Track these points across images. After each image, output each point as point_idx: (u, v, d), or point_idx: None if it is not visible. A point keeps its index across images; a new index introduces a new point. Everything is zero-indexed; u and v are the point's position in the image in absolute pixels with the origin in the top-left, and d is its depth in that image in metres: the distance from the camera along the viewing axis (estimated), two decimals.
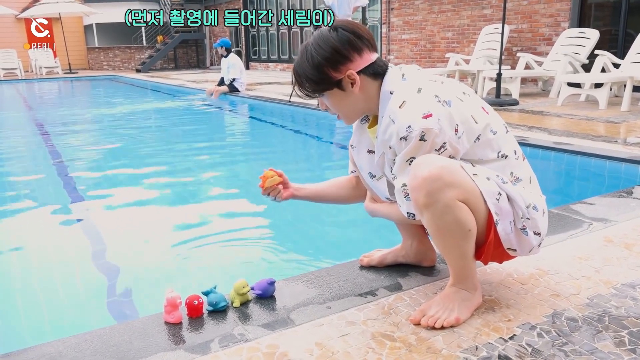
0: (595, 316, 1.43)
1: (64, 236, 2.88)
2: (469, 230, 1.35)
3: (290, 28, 16.32)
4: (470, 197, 1.33)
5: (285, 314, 1.48)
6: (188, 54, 22.95)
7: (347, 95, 1.45)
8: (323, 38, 1.42)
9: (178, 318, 1.44)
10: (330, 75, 1.42)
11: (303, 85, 1.48)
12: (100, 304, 2.05)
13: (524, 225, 1.40)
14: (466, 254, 1.40)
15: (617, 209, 2.34)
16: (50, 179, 4.12)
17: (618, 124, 4.71)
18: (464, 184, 1.32)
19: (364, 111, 1.51)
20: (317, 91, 1.47)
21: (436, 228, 1.36)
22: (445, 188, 1.30)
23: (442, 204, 1.31)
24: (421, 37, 10.82)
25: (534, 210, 1.41)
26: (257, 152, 5.30)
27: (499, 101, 6.28)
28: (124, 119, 7.81)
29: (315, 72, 1.43)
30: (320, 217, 2.98)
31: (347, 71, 1.42)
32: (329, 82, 1.43)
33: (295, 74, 1.49)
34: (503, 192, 1.37)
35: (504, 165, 1.40)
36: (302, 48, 1.47)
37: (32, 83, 15.95)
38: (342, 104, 1.48)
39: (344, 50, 1.41)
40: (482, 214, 1.36)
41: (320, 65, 1.41)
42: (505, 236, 1.39)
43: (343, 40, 1.41)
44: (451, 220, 1.33)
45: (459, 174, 1.32)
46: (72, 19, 21.55)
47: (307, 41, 1.47)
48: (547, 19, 8.25)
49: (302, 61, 1.45)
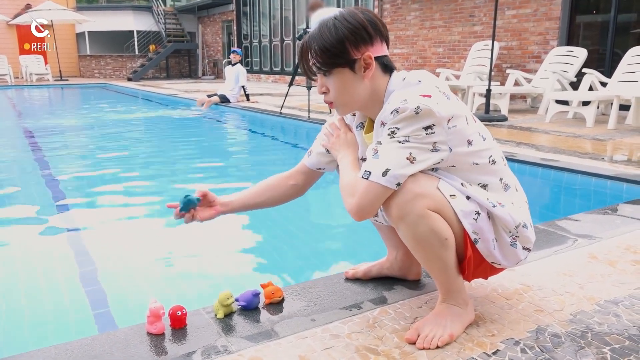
0: (579, 332, 1.44)
1: (49, 245, 2.84)
2: (446, 239, 1.34)
3: (283, 40, 16.41)
4: (443, 210, 1.34)
5: (269, 326, 1.47)
6: (180, 63, 22.96)
7: (355, 79, 1.39)
8: (350, 13, 1.37)
9: (161, 329, 1.43)
10: (349, 51, 1.36)
11: (314, 58, 1.39)
12: (83, 313, 2.02)
13: (514, 239, 1.40)
14: (448, 265, 1.39)
15: (602, 225, 2.36)
16: (37, 188, 4.08)
17: (605, 142, 4.77)
18: (435, 197, 1.32)
19: (363, 105, 1.44)
20: (329, 65, 1.38)
21: (413, 240, 1.36)
22: (414, 199, 1.30)
23: (414, 214, 1.31)
24: (412, 52, 10.92)
25: (524, 228, 1.41)
26: (246, 163, 5.30)
27: (488, 117, 6.33)
28: (113, 127, 7.78)
29: (336, 43, 1.35)
30: (306, 229, 2.98)
31: (365, 52, 1.37)
32: (345, 59, 1.37)
33: (307, 44, 1.40)
34: (483, 212, 1.36)
35: (494, 170, 1.40)
36: (322, 22, 1.39)
37: (21, 89, 15.85)
38: (346, 88, 1.41)
39: (371, 29, 1.36)
40: (456, 230, 1.36)
41: (344, 37, 1.35)
42: (487, 252, 1.39)
43: (370, 21, 1.37)
44: (426, 230, 1.32)
45: (428, 186, 1.32)
46: (65, 27, 21.51)
47: (326, 18, 1.39)
48: (537, 37, 8.36)
49: (321, 32, 1.37)
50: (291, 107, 7.86)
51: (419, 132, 1.28)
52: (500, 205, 1.37)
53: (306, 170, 1.68)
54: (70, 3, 22.47)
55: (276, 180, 1.69)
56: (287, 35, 16.15)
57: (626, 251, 2.05)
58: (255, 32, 18.07)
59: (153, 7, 22.05)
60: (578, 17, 8.12)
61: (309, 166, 1.68)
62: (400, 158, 1.29)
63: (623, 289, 1.71)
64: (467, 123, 1.35)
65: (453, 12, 9.82)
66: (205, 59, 22.08)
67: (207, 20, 21.54)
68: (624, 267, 1.89)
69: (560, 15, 7.98)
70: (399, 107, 1.29)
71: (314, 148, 1.68)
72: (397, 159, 1.29)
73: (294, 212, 3.13)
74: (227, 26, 20.06)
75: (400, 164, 1.29)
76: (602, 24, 7.86)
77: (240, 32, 18.84)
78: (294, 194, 1.70)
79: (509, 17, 8.73)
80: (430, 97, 1.30)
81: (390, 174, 1.29)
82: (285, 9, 16.15)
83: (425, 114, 1.27)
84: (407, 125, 1.28)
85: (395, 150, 1.29)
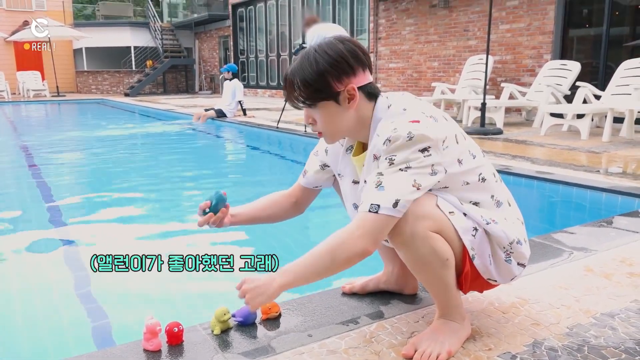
0: (575, 346, 1.44)
1: (45, 261, 2.83)
2: (447, 260, 1.35)
3: (279, 55, 16.52)
4: (444, 229, 1.34)
5: (266, 342, 1.47)
6: (177, 78, 23.07)
7: (341, 110, 1.38)
8: (330, 45, 1.35)
9: (157, 346, 1.42)
10: (332, 85, 1.34)
11: (297, 92, 1.37)
12: (80, 330, 2.01)
13: (508, 255, 1.41)
14: (449, 285, 1.39)
15: (597, 238, 2.37)
16: (33, 204, 4.08)
17: (599, 154, 4.80)
18: (435, 216, 1.33)
19: (351, 132, 1.44)
20: (313, 99, 1.36)
21: (415, 262, 1.36)
22: (415, 221, 1.30)
23: (417, 237, 1.31)
24: (408, 66, 11.00)
25: (518, 244, 1.41)
26: (243, 177, 5.30)
27: (483, 130, 6.37)
28: (110, 142, 7.79)
29: (317, 78, 1.33)
30: (304, 242, 2.98)
31: (348, 84, 1.35)
32: (327, 92, 1.35)
33: (290, 79, 1.37)
34: (480, 228, 1.37)
35: (484, 187, 1.40)
36: (303, 54, 1.37)
37: (18, 105, 15.87)
38: (333, 119, 1.39)
39: (352, 60, 1.34)
40: (456, 247, 1.36)
41: (325, 72, 1.32)
42: (483, 269, 1.40)
43: (351, 51, 1.35)
44: (428, 252, 1.32)
45: (428, 207, 1.32)
46: (62, 43, 21.61)
47: (307, 49, 1.38)
48: (530, 50, 8.45)
49: (302, 66, 1.35)
50: (288, 121, 7.89)
51: (417, 156, 1.27)
52: (493, 222, 1.38)
53: (303, 189, 1.70)
54: (68, 19, 22.64)
55: (279, 197, 1.70)
56: (284, 50, 16.26)
57: (622, 264, 2.05)
58: (251, 47, 18.18)
59: (150, 23, 22.21)
60: (571, 31, 8.21)
61: (306, 185, 1.69)
62: (407, 186, 1.27)
63: (619, 302, 1.71)
64: (457, 142, 1.36)
65: (447, 26, 9.92)
66: (202, 74, 22.18)
67: (204, 35, 21.67)
68: (619, 279, 1.90)
69: (554, 30, 8.07)
70: (391, 136, 1.29)
71: (308, 167, 1.68)
72: (404, 188, 1.27)
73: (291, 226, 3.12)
74: (224, 41, 20.19)
75: (408, 192, 1.27)
76: (595, 37, 7.94)
77: (237, 48, 18.96)
78: (294, 212, 1.72)
79: (503, 32, 8.82)
80: (419, 122, 1.30)
81: (400, 203, 1.26)
82: (282, 24, 16.29)
83: (418, 139, 1.27)
84: (404, 151, 1.27)
85: (399, 179, 1.27)
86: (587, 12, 8.22)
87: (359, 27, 12.77)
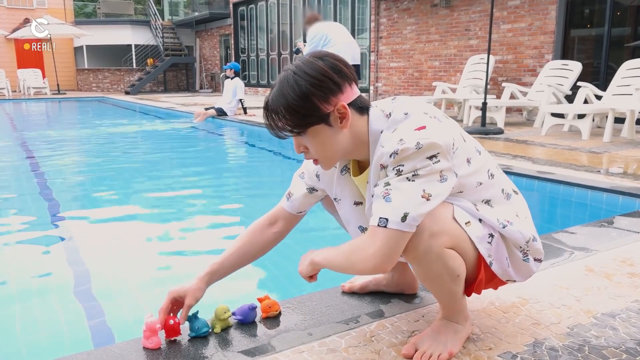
0: (576, 345, 1.44)
1: (44, 259, 2.83)
2: (458, 276, 1.32)
3: (280, 54, 16.51)
4: (459, 242, 1.30)
5: (266, 340, 1.47)
6: (178, 77, 23.07)
7: (334, 132, 1.26)
8: (308, 64, 1.23)
9: (157, 344, 1.42)
10: (319, 107, 1.22)
11: (283, 121, 1.24)
12: (79, 328, 2.01)
13: (525, 253, 1.39)
14: (456, 294, 1.37)
15: (598, 238, 2.37)
16: (33, 201, 4.07)
17: (600, 154, 4.80)
18: (451, 231, 1.28)
19: (348, 152, 1.33)
20: (302, 126, 1.24)
21: (424, 276, 1.34)
22: (431, 238, 1.25)
23: (431, 255, 1.27)
24: (409, 66, 10.99)
25: (533, 242, 1.39)
26: (243, 175, 5.30)
27: (484, 130, 6.36)
28: (110, 140, 7.78)
29: (302, 102, 1.21)
30: (304, 242, 2.98)
31: (337, 103, 1.24)
32: (316, 116, 1.23)
33: (272, 108, 1.25)
34: (496, 233, 1.34)
35: (493, 183, 1.37)
36: (282, 78, 1.25)
37: (19, 103, 15.87)
38: (327, 144, 1.27)
39: (336, 77, 1.23)
40: (471, 256, 1.33)
41: (309, 94, 1.21)
42: (502, 272, 1.38)
43: (333, 67, 1.24)
44: (440, 269, 1.29)
45: (445, 221, 1.27)
46: (63, 40, 21.63)
47: (284, 72, 1.26)
48: (532, 50, 8.44)
49: (283, 92, 1.23)
50: None
51: (426, 163, 1.19)
52: (509, 224, 1.35)
53: (287, 215, 1.59)
54: (69, 17, 22.65)
55: (258, 231, 1.59)
56: (284, 49, 16.25)
57: (622, 264, 2.05)
58: (252, 46, 18.18)
59: (151, 22, 22.21)
60: (572, 31, 8.21)
61: (291, 211, 1.59)
62: (415, 197, 1.19)
63: (620, 302, 1.71)
64: (465, 140, 1.32)
65: (449, 26, 9.91)
66: (202, 72, 22.18)
67: (204, 34, 21.67)
68: (620, 279, 1.89)
69: (555, 29, 8.06)
70: (398, 149, 1.19)
71: (294, 190, 1.57)
72: (413, 200, 1.19)
73: None
74: (225, 40, 20.18)
75: (417, 204, 1.19)
76: (597, 37, 7.94)
77: (238, 46, 18.95)
78: (275, 241, 1.62)
79: (504, 31, 8.81)
80: (425, 128, 1.21)
81: (409, 217, 1.19)
82: (282, 23, 16.27)
83: (427, 147, 1.19)
84: (412, 161, 1.19)
85: (408, 190, 1.19)
86: (588, 12, 8.21)
87: (360, 26, 12.77)
